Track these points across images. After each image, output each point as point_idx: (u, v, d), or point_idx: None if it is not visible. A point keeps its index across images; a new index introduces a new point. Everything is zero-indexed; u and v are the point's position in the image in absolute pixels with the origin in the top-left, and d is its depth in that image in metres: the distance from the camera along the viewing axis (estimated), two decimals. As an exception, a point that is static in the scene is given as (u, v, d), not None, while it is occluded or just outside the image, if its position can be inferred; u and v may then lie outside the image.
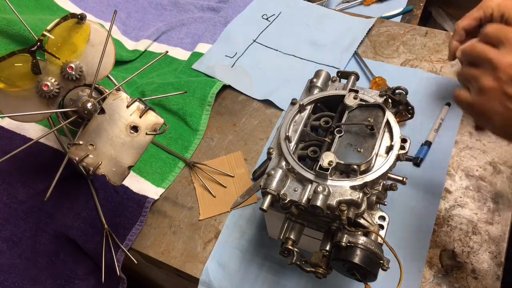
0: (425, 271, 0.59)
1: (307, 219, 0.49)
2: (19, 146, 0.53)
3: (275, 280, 0.61)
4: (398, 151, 0.49)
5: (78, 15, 0.58)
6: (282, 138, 0.52)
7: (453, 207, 0.65)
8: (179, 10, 1.04)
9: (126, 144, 0.55)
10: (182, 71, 0.89)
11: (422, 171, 0.68)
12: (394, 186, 0.49)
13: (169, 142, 0.77)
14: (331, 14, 0.96)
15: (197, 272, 0.63)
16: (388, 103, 0.54)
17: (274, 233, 0.62)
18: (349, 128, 0.51)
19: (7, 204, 0.70)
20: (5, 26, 0.77)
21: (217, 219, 0.68)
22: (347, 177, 0.47)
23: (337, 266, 0.46)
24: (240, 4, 0.99)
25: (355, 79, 0.58)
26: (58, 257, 0.67)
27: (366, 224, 0.46)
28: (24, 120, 0.64)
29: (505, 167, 0.67)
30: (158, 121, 0.56)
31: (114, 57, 0.61)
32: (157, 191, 0.71)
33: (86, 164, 0.54)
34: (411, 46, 0.86)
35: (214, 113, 0.81)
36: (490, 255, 0.60)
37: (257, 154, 0.75)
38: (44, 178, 0.72)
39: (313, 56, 0.88)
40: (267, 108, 0.81)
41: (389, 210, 0.51)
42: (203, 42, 0.93)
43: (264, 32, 0.94)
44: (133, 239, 0.66)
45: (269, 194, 0.46)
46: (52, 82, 0.57)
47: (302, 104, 0.55)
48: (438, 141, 0.71)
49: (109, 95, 0.57)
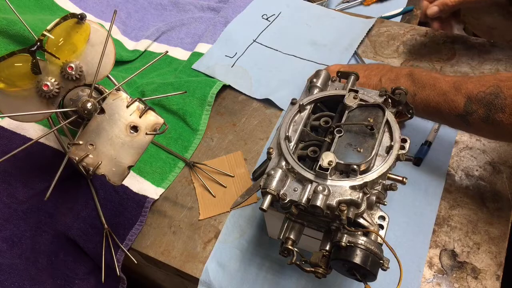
0: (425, 271, 0.59)
1: (307, 219, 0.49)
2: (19, 146, 0.53)
3: (275, 280, 0.61)
4: (398, 151, 0.49)
5: (78, 15, 0.58)
6: (282, 138, 0.52)
7: (453, 207, 0.64)
8: (179, 10, 1.04)
9: (126, 144, 0.55)
10: (182, 71, 0.89)
11: (422, 171, 0.68)
12: (394, 186, 0.49)
13: (169, 142, 0.77)
14: (331, 14, 0.96)
15: (197, 272, 0.63)
16: (388, 103, 0.54)
17: (274, 233, 0.62)
18: (349, 128, 0.51)
19: (7, 204, 0.69)
20: (5, 26, 0.77)
21: (217, 219, 0.68)
22: (347, 177, 0.47)
23: (337, 266, 0.46)
24: (240, 4, 0.99)
25: (355, 79, 0.58)
26: (58, 257, 0.67)
27: (366, 224, 0.46)
28: (24, 120, 0.64)
29: (505, 167, 0.67)
30: (158, 121, 0.57)
31: (114, 57, 0.61)
32: (157, 191, 0.71)
33: (86, 164, 0.54)
34: (411, 46, 0.86)
35: (214, 113, 0.81)
36: (490, 255, 0.60)
37: (257, 154, 0.75)
38: (44, 178, 0.72)
39: (313, 56, 0.88)
40: (267, 108, 0.81)
41: (389, 210, 0.51)
42: (203, 42, 0.93)
43: (264, 32, 0.94)
44: (133, 239, 0.66)
45: (269, 194, 0.46)
46: (52, 82, 0.57)
47: (302, 104, 0.55)
48: (438, 141, 0.71)
49: (109, 95, 0.57)
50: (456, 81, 0.57)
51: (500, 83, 0.53)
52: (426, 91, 0.59)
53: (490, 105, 0.53)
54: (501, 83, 0.53)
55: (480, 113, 0.54)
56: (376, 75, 0.65)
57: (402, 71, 0.63)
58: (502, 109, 0.52)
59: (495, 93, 0.53)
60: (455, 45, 0.85)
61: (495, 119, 0.53)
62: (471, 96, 0.54)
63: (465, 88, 0.56)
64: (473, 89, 0.55)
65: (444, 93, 0.57)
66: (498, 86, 0.53)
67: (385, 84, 0.63)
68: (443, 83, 0.58)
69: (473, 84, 0.55)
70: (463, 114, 0.55)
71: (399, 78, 0.62)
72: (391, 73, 0.64)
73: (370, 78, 0.65)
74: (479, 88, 0.54)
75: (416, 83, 0.60)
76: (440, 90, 0.57)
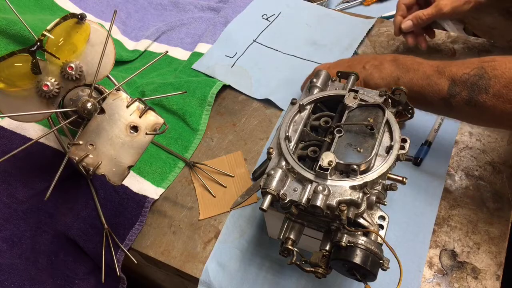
0: (425, 271, 0.59)
1: (307, 219, 0.49)
2: (19, 146, 0.53)
3: (275, 280, 0.61)
4: (398, 151, 0.49)
5: (78, 15, 0.58)
6: (282, 138, 0.52)
7: (453, 207, 0.64)
8: (179, 10, 1.04)
9: (126, 144, 0.55)
10: (182, 71, 0.89)
11: (422, 171, 0.68)
12: (394, 186, 0.49)
13: (169, 142, 0.77)
14: (331, 14, 0.96)
15: (197, 272, 0.63)
16: (388, 103, 0.54)
17: (274, 233, 0.62)
18: (349, 128, 0.51)
19: (7, 204, 0.69)
20: (5, 26, 0.77)
21: (217, 219, 0.68)
22: (347, 177, 0.47)
23: (337, 266, 0.46)
24: (240, 4, 0.99)
25: (355, 79, 0.58)
26: (58, 257, 0.67)
27: (366, 224, 0.46)
28: (24, 120, 0.64)
29: (505, 167, 0.67)
30: (158, 121, 0.57)
31: (114, 57, 0.61)
32: (157, 191, 0.71)
33: (86, 164, 0.54)
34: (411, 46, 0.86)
35: (214, 113, 0.81)
36: (490, 255, 0.60)
37: (257, 154, 0.75)
38: (44, 178, 0.72)
39: (313, 56, 0.88)
40: (267, 108, 0.81)
41: (389, 210, 0.51)
42: (203, 42, 0.93)
43: (264, 32, 0.94)
44: (133, 239, 0.66)
45: (269, 194, 0.46)
46: (52, 82, 0.57)
47: (302, 104, 0.55)
48: (438, 141, 0.71)
49: (109, 95, 0.57)
50: (440, 65, 0.57)
51: (484, 64, 0.53)
52: (409, 74, 0.59)
53: (474, 86, 0.53)
54: (485, 64, 0.53)
55: (463, 95, 0.54)
56: (360, 63, 0.65)
57: (387, 57, 0.63)
58: (485, 90, 0.52)
59: (479, 74, 0.53)
60: (455, 45, 0.85)
61: (478, 100, 0.52)
62: (455, 78, 0.54)
63: (449, 71, 0.55)
64: (457, 71, 0.55)
65: (427, 77, 0.57)
66: (482, 67, 0.53)
67: (369, 70, 0.63)
68: (426, 67, 0.58)
69: (457, 67, 0.55)
70: (447, 97, 0.55)
71: (383, 63, 0.62)
72: (374, 60, 0.64)
73: (354, 67, 0.65)
74: (463, 70, 0.54)
75: (400, 67, 0.60)
76: (424, 73, 0.57)
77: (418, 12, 0.75)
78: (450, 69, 0.56)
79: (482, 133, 0.72)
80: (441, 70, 0.56)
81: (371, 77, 0.62)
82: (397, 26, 0.78)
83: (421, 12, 0.75)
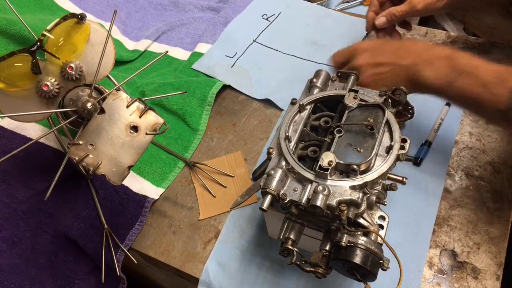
0: (425, 271, 0.59)
1: (307, 219, 0.49)
2: (19, 146, 0.53)
3: (275, 280, 0.61)
4: (398, 151, 0.49)
5: (78, 15, 0.58)
6: (282, 138, 0.52)
7: (453, 207, 0.64)
8: (179, 10, 1.04)
9: (126, 144, 0.55)
10: (182, 71, 0.89)
11: (422, 171, 0.68)
12: (394, 186, 0.49)
13: (169, 142, 0.77)
14: (331, 14, 0.96)
15: (197, 272, 0.63)
16: (388, 103, 0.54)
17: (274, 233, 0.62)
18: (349, 128, 0.51)
19: (7, 204, 0.70)
20: (5, 26, 0.77)
21: (217, 219, 0.68)
22: (347, 177, 0.47)
23: (337, 266, 0.46)
24: (240, 4, 0.99)
25: (355, 79, 0.58)
26: (58, 257, 0.67)
27: (366, 224, 0.46)
28: (24, 120, 0.64)
29: (505, 167, 0.67)
30: (158, 121, 0.57)
31: (114, 57, 0.61)
32: (157, 191, 0.71)
33: (86, 164, 0.54)
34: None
35: (214, 113, 0.81)
36: (490, 255, 0.60)
37: (257, 154, 0.75)
38: (44, 178, 0.72)
39: (313, 56, 0.88)
40: (267, 108, 0.81)
41: (389, 210, 0.51)
42: (203, 42, 0.93)
43: (264, 32, 0.94)
44: (133, 239, 0.66)
45: (269, 194, 0.46)
46: (52, 82, 0.57)
47: (302, 104, 0.55)
48: (438, 141, 0.71)
49: (109, 95, 0.57)
50: (502, 71, 0.51)
51: None
52: (464, 79, 0.53)
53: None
54: None
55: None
56: (408, 54, 0.59)
57: (442, 51, 0.57)
58: None
59: None
60: (455, 45, 0.85)
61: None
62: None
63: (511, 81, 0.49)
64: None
65: (484, 84, 0.51)
66: None
67: (419, 64, 0.56)
68: (484, 72, 0.52)
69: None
70: (505, 110, 0.49)
71: (439, 60, 0.56)
72: (426, 53, 0.58)
73: (401, 58, 0.59)
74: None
75: (455, 69, 0.54)
76: (481, 80, 0.52)
77: (391, 9, 0.74)
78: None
79: (482, 133, 0.72)
80: (504, 79, 0.51)
81: (421, 75, 0.56)
82: (370, 22, 0.77)
83: (394, 9, 0.73)
